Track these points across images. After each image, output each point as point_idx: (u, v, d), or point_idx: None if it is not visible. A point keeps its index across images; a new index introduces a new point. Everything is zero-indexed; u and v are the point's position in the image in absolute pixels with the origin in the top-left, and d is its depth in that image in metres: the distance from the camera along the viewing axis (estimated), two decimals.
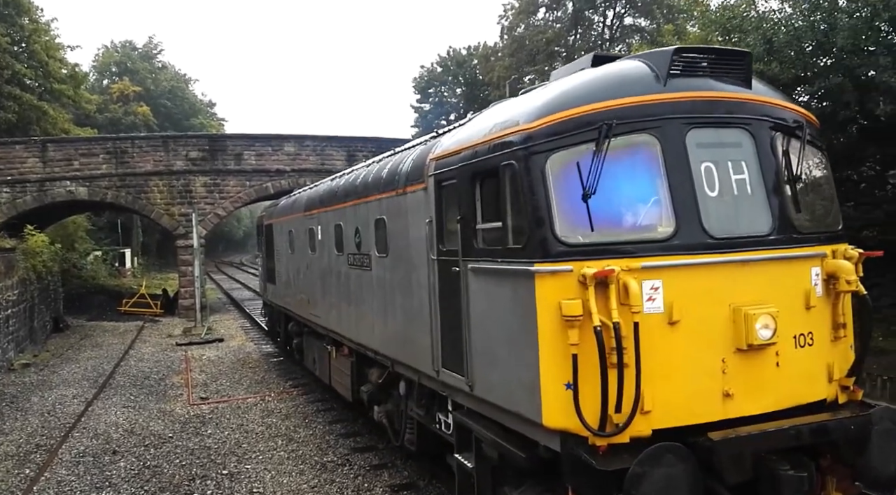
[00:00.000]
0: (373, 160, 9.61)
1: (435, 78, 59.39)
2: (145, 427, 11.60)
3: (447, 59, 58.96)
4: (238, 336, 22.36)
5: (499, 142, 5.21)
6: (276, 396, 13.53)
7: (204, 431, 11.20)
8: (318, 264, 11.47)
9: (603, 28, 45.29)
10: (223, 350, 19.56)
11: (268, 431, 11.08)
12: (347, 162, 27.85)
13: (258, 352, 19.08)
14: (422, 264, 6.69)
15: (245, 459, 9.74)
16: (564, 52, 44.53)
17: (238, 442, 10.53)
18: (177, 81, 72.87)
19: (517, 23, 46.26)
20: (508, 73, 43.45)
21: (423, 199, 6.62)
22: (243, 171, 28.85)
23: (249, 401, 13.16)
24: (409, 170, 7.13)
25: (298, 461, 9.56)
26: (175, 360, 18.10)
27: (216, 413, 12.36)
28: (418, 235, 6.76)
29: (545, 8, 45.73)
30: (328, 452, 9.88)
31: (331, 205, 10.44)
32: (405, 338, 7.38)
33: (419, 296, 6.81)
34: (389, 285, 7.81)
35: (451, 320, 6.05)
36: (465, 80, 57.95)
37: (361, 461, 9.40)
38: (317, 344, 12.41)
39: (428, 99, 60.13)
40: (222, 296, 37.90)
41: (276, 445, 10.32)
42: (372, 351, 8.74)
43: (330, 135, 30.63)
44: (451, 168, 5.96)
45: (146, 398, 13.79)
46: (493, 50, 50.82)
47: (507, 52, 46.60)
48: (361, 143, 30.38)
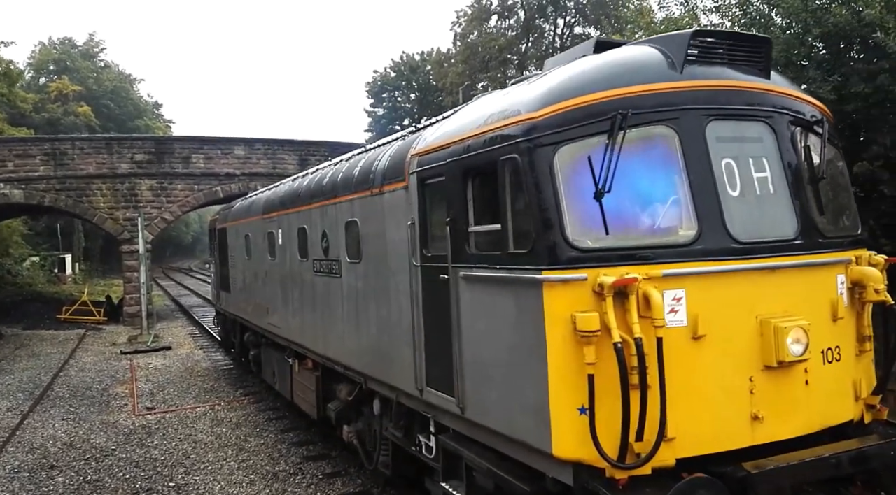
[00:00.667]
0: (341, 158, 8.93)
1: (388, 82, 59.29)
2: (86, 439, 11.11)
3: (401, 64, 58.98)
4: (186, 343, 21.72)
5: (496, 135, 4.66)
6: (226, 405, 13.18)
7: (150, 442, 10.81)
8: (278, 271, 10.70)
9: (554, 37, 46.12)
10: (171, 358, 18.96)
11: (217, 441, 10.78)
12: (300, 166, 27.50)
13: (207, 359, 18.56)
14: (402, 271, 6.07)
15: (193, 470, 9.44)
16: (517, 59, 45.16)
17: (186, 453, 10.20)
18: (120, 81, 70.59)
19: (470, 30, 46.64)
20: (462, 80, 43.73)
21: (403, 199, 6.01)
22: (192, 175, 28.12)
23: (198, 411, 12.78)
24: (386, 168, 6.50)
25: (249, 471, 9.33)
26: (119, 369, 17.43)
27: (163, 423, 11.95)
28: (398, 239, 6.15)
29: (497, 15, 46.27)
30: (280, 461, 9.67)
31: (293, 206, 9.70)
32: (381, 352, 6.73)
33: (398, 306, 6.21)
34: (363, 294, 7.15)
35: (437, 334, 5.46)
36: (418, 85, 58.05)
37: (314, 469, 9.24)
38: (276, 356, 11.53)
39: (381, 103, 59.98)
40: (170, 303, 36.77)
41: (226, 455, 10.04)
42: (341, 365, 8.01)
43: (282, 139, 30.21)
44: (437, 164, 5.40)
45: (87, 409, 13.22)
46: (446, 56, 51.10)
47: (461, 58, 46.92)
48: (314, 147, 30.10)
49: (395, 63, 59.23)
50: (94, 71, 67.11)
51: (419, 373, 5.79)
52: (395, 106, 59.32)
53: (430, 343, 5.66)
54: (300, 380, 10.07)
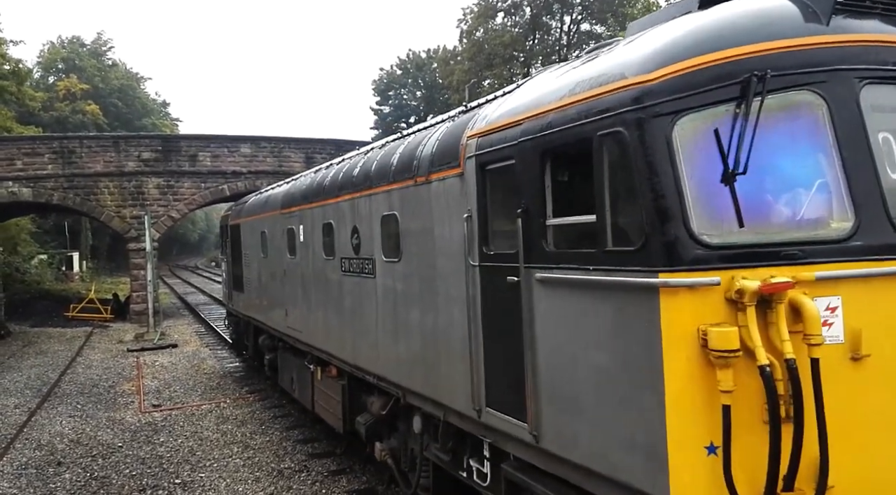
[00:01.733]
0: (372, 145, 8.18)
1: (394, 80, 59.29)
2: (93, 436, 11.18)
3: (406, 62, 58.96)
4: (192, 341, 21.81)
5: (590, 106, 3.79)
6: (231, 402, 13.24)
7: (156, 439, 10.87)
8: (299, 270, 9.88)
9: (560, 34, 45.97)
10: (177, 356, 19.04)
11: (223, 438, 10.82)
12: (305, 164, 27.53)
13: (213, 357, 18.63)
14: (454, 271, 5.28)
15: (199, 467, 9.49)
16: (523, 56, 45.06)
17: (192, 450, 10.25)
18: (128, 80, 70.87)
19: (476, 27, 46.54)
20: (468, 77, 43.68)
21: (456, 188, 5.22)
22: (198, 173, 28.20)
23: (204, 408, 12.84)
24: (433, 153, 5.68)
25: (254, 468, 9.36)
26: (126, 367, 17.53)
27: (169, 420, 12.01)
28: (448, 234, 5.37)
29: (503, 13, 46.16)
30: (285, 459, 9.70)
31: (317, 200, 8.86)
32: (426, 364, 5.90)
33: (449, 312, 5.41)
34: (402, 297, 6.34)
35: (501, 347, 4.70)
36: (424, 83, 58.02)
37: (319, 467, 9.27)
38: (296, 362, 10.66)
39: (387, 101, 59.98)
40: (176, 301, 36.94)
41: (232, 452, 10.09)
42: (374, 375, 7.20)
43: (287, 137, 30.24)
44: (503, 146, 4.59)
45: (94, 406, 13.30)
46: (452, 53, 51.02)
47: (467, 55, 46.83)
48: (320, 145, 30.13)
49: (402, 61, 59.24)
50: (102, 69, 67.39)
51: (476, 392, 4.99)
52: (401, 104, 59.31)
53: (491, 357, 4.86)
54: (323, 389, 9.28)
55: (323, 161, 14.58)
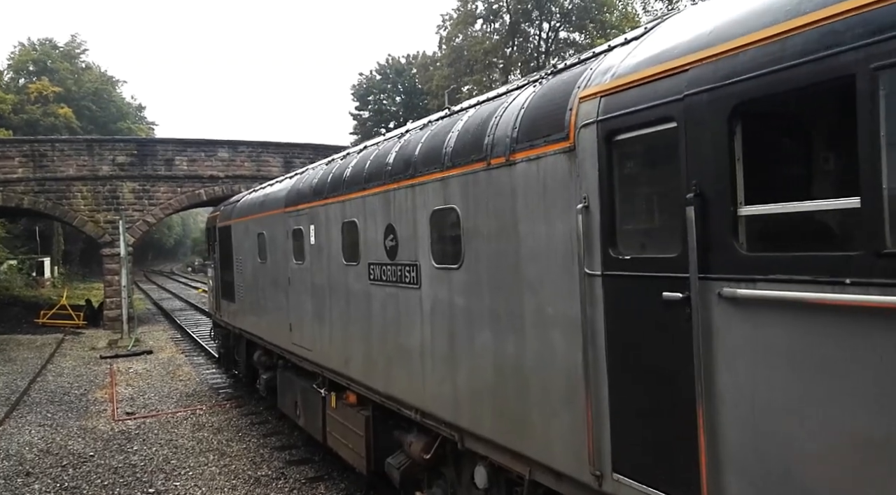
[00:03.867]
0: (407, 127, 6.84)
1: (374, 85, 59.20)
2: (63, 446, 10.92)
3: (386, 67, 58.94)
4: (168, 348, 21.46)
5: (851, 24, 2.45)
6: (207, 409, 13.03)
7: (129, 448, 10.65)
8: (308, 277, 8.57)
9: (539, 41, 46.37)
10: (152, 362, 18.72)
11: (199, 446, 10.64)
12: (284, 168, 27.39)
13: (189, 363, 18.35)
14: (554, 282, 4.04)
15: (174, 476, 9.31)
16: (502, 63, 45.33)
17: (167, 458, 10.06)
18: (102, 83, 69.75)
19: (455, 33, 46.76)
20: (447, 83, 43.84)
21: (560, 169, 3.95)
22: (175, 177, 27.86)
23: (179, 415, 12.62)
24: (519, 125, 4.40)
25: (231, 476, 9.22)
26: (99, 374, 17.17)
27: (143, 428, 11.78)
28: (544, 232, 4.12)
29: (482, 19, 46.44)
30: (262, 466, 9.57)
31: (334, 195, 7.63)
32: (501, 401, 4.64)
33: (544, 338, 4.15)
34: (464, 314, 5.04)
35: (649, 389, 3.41)
36: (404, 88, 58.05)
37: (297, 474, 9.16)
38: (301, 384, 9.32)
39: (367, 106, 59.85)
40: (151, 307, 36.33)
41: (208, 460, 9.92)
42: (415, 409, 5.90)
43: (266, 141, 30.07)
44: (654, 104, 3.31)
45: (65, 415, 12.99)
46: (431, 59, 51.20)
47: (446, 61, 47.02)
48: (298, 150, 30.02)
49: (381, 66, 59.21)
50: (76, 72, 66.27)
51: (595, 449, 3.73)
52: (380, 109, 59.23)
53: (624, 403, 3.56)
54: (339, 420, 7.88)
55: (301, 165, 14.27)
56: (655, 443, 3.37)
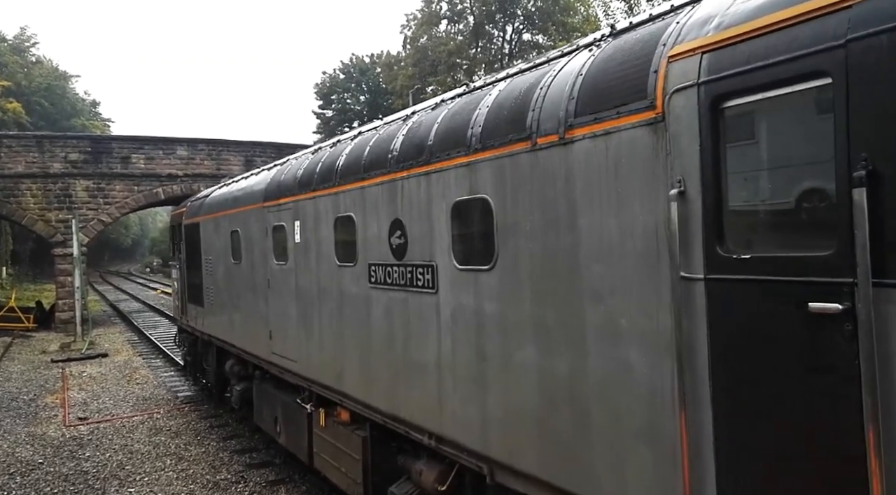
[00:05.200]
0: (413, 109, 6.05)
1: (337, 84, 58.72)
2: (10, 453, 10.47)
3: (350, 66, 58.54)
4: (124, 350, 20.86)
5: None
6: (165, 413, 12.70)
7: (81, 454, 10.29)
8: (292, 280, 7.76)
9: (503, 43, 46.64)
10: (107, 366, 18.15)
11: (155, 450, 10.35)
12: (245, 167, 26.93)
13: (146, 366, 17.87)
14: (632, 288, 3.33)
15: (128, 482, 9.03)
16: (466, 64, 45.45)
17: (121, 464, 9.75)
18: (55, 78, 67.49)
19: (420, 33, 46.72)
20: (411, 83, 43.76)
21: (640, 146, 3.23)
22: (131, 175, 27.18)
23: (135, 419, 12.26)
24: (578, 94, 3.66)
25: (188, 481, 8.99)
26: (50, 378, 16.58)
27: (96, 434, 11.40)
28: (615, 226, 3.41)
29: (447, 20, 46.51)
30: (221, 470, 9.36)
31: (325, 187, 6.80)
32: (547, 430, 3.91)
33: (616, 358, 3.42)
34: (497, 323, 4.32)
35: (780, 431, 2.70)
36: (368, 87, 57.73)
37: (257, 477, 8.99)
38: (282, 398, 8.45)
39: (330, 105, 59.34)
40: (107, 309, 35.28)
41: (164, 465, 9.66)
42: (429, 434, 5.17)
43: (226, 140, 29.58)
44: (790, 58, 2.59)
45: (12, 421, 12.48)
46: (396, 59, 51.04)
47: (410, 61, 46.93)
48: (260, 148, 29.63)
49: (345, 65, 58.77)
50: (25, 66, 63.93)
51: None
52: (344, 108, 58.80)
53: (739, 443, 2.83)
54: (329, 440, 7.04)
55: (263, 164, 13.80)
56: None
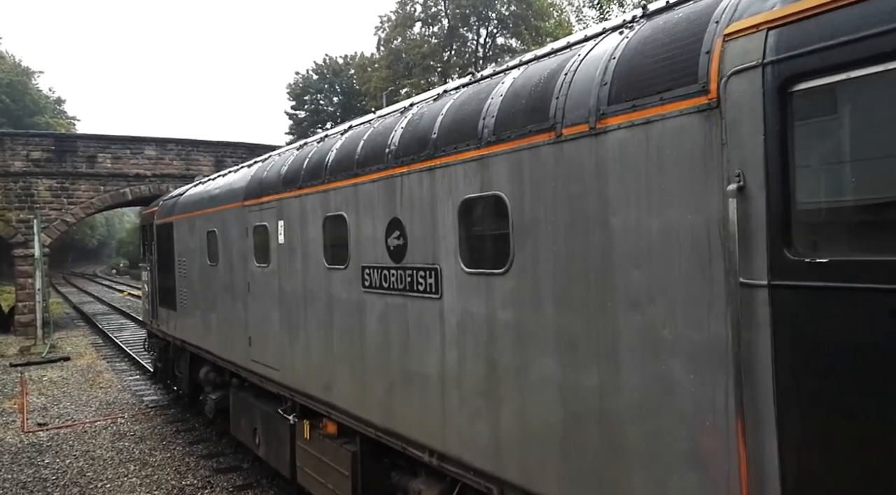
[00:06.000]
0: (412, 100, 5.72)
1: (310, 85, 58.26)
2: None
3: (323, 67, 58.13)
4: (88, 354, 20.34)
5: None
6: (129, 418, 12.41)
7: (40, 461, 9.99)
8: (274, 283, 7.37)
9: (476, 46, 46.81)
10: (69, 370, 17.68)
11: (118, 456, 10.11)
12: (216, 168, 26.54)
13: (111, 370, 17.46)
14: (678, 295, 3.01)
15: (89, 489, 8.79)
16: (440, 67, 45.50)
17: (82, 471, 9.50)
18: (17, 74, 65.72)
19: (394, 35, 46.62)
20: (385, 85, 43.63)
21: (691, 135, 2.92)
22: (97, 175, 26.56)
23: (98, 425, 11.96)
24: (616, 78, 3.34)
25: (153, 487, 8.79)
26: (8, 383, 16.07)
27: (57, 440, 11.09)
28: (661, 225, 3.08)
29: (421, 22, 46.52)
30: (187, 475, 9.18)
31: (313, 184, 6.42)
32: (577, 453, 3.57)
33: (658, 373, 3.10)
34: (511, 333, 4.00)
35: (869, 462, 2.40)
36: (341, 88, 57.41)
37: (224, 482, 8.84)
38: (262, 408, 8.01)
39: (303, 106, 58.81)
40: (70, 311, 34.40)
41: (128, 471, 9.43)
42: (430, 451, 4.84)
43: (196, 140, 29.07)
44: (886, 30, 2.30)
45: None
46: (369, 60, 50.83)
47: (384, 63, 46.79)
48: (231, 149, 29.21)
49: (318, 65, 58.31)
50: None
51: None
52: (317, 109, 58.33)
53: (815, 475, 2.54)
54: (315, 454, 6.65)
55: (234, 164, 13.56)
56: None
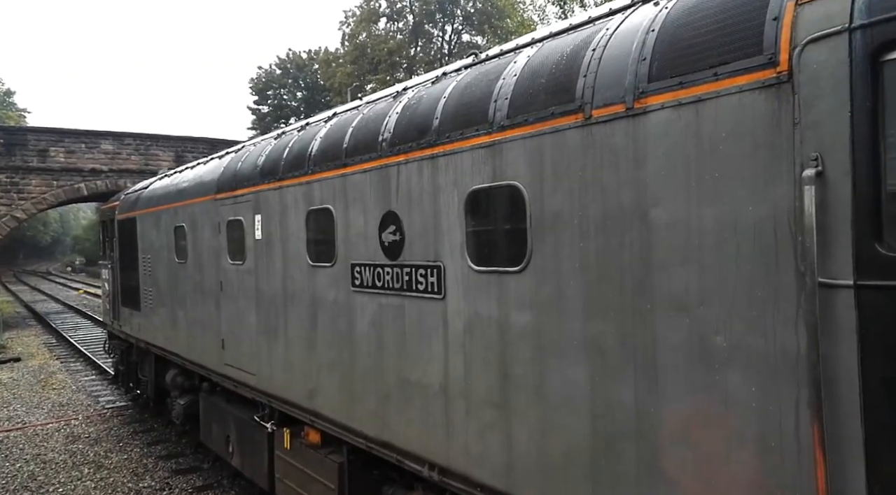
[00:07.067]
0: (405, 84, 5.38)
1: (273, 80, 57.44)
2: None
3: (286, 62, 57.36)
4: (40, 354, 19.70)
5: None
6: (84, 419, 12.08)
7: None
8: (251, 282, 6.95)
9: (442, 42, 46.81)
10: (19, 371, 17.09)
11: (72, 459, 9.83)
12: (176, 163, 25.99)
13: (64, 370, 16.95)
14: (735, 296, 2.69)
15: (40, 494, 8.55)
16: (406, 63, 45.35)
17: (32, 475, 9.20)
18: None
19: (359, 31, 46.30)
20: (350, 80, 43.28)
21: (754, 114, 2.60)
22: (50, 170, 25.80)
23: (50, 427, 11.61)
24: (658, 51, 3.02)
25: (108, 490, 8.57)
26: None
27: (6, 443, 10.71)
28: (715, 217, 2.74)
29: (386, 18, 46.29)
30: (145, 477, 8.99)
31: (295, 175, 6.02)
32: (611, 474, 3.23)
33: (710, 386, 2.79)
34: (531, 339, 3.65)
35: None
36: (305, 83, 56.75)
37: (184, 484, 8.68)
38: (236, 414, 7.52)
39: (266, 101, 57.98)
40: (22, 310, 33.24)
41: (82, 474, 9.18)
42: (429, 464, 4.48)
43: (155, 134, 28.50)
44: None
45: None
46: (334, 55, 50.35)
47: (349, 58, 46.44)
48: (192, 144, 28.69)
49: (281, 60, 57.54)
50: None
51: None
52: (280, 104, 57.56)
53: None
54: (296, 465, 6.22)
55: (193, 159, 13.21)
56: None
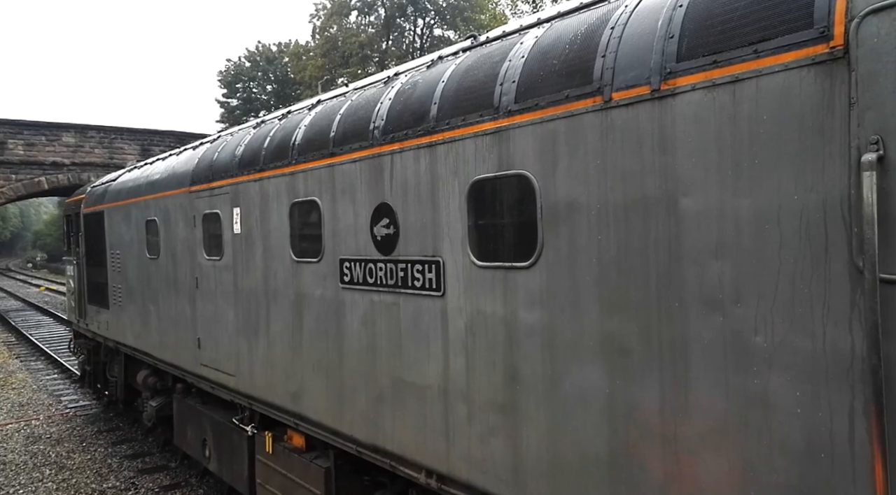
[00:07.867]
0: (397, 69, 5.16)
1: (243, 72, 56.55)
2: None
3: (256, 54, 56.52)
4: None
5: None
6: (45, 419, 11.76)
7: None
8: (229, 278, 6.67)
9: (414, 36, 46.60)
10: None
11: (32, 460, 9.56)
12: (142, 156, 25.46)
13: (25, 369, 16.48)
14: (778, 293, 2.49)
15: None
16: (377, 57, 45.04)
17: None
18: None
19: (329, 24, 45.82)
20: (321, 74, 42.85)
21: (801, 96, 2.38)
22: (8, 163, 25.08)
23: (10, 428, 11.27)
24: (687, 27, 2.79)
25: (70, 491, 8.36)
26: None
27: None
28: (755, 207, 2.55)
29: (357, 11, 45.87)
30: (109, 477, 8.78)
31: (277, 165, 5.73)
32: (623, 483, 3.06)
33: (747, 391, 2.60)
34: (542, 338, 3.45)
35: None
36: (275, 76, 56.01)
37: (150, 483, 8.51)
38: (213, 417, 7.26)
39: (235, 94, 57.06)
40: None
41: (43, 475, 8.94)
42: (425, 470, 4.28)
43: (120, 127, 27.82)
44: None
45: None
46: (304, 48, 49.77)
47: (320, 52, 45.95)
48: (159, 137, 28.12)
49: (250, 52, 56.66)
50: None
51: None
52: (249, 97, 56.71)
53: None
54: (279, 470, 5.94)
55: (160, 153, 12.80)
56: None
